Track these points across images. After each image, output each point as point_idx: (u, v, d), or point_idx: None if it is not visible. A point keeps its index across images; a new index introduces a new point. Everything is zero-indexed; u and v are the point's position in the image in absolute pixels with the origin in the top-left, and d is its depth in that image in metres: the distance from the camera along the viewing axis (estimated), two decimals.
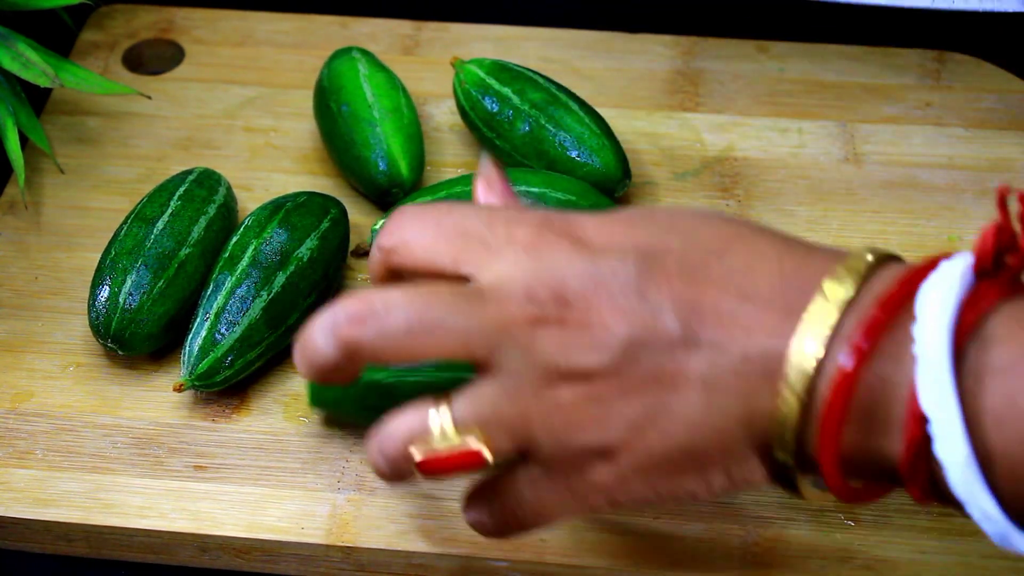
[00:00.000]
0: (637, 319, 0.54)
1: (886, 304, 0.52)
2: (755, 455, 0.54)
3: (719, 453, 0.54)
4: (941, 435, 0.50)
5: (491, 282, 0.56)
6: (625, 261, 0.55)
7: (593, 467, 0.55)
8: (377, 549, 0.65)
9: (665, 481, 0.55)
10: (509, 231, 0.57)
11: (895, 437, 0.52)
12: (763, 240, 0.56)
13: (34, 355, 0.73)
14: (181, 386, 0.69)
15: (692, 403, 0.53)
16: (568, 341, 0.54)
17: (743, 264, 0.55)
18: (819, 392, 0.52)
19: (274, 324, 0.70)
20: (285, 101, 0.86)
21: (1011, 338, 0.51)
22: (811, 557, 0.64)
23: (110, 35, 0.90)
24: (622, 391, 0.54)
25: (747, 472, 0.55)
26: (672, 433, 0.54)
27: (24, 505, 0.67)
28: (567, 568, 0.64)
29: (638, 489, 0.56)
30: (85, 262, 0.77)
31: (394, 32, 0.90)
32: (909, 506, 0.66)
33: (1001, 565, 0.64)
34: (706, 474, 0.55)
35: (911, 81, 0.86)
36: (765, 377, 0.53)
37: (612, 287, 0.54)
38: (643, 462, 0.55)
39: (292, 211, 0.73)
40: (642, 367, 0.54)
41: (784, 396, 0.52)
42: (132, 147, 0.83)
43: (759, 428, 0.53)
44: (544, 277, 0.55)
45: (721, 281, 0.54)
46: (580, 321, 0.54)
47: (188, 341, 0.70)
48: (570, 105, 0.79)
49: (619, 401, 0.54)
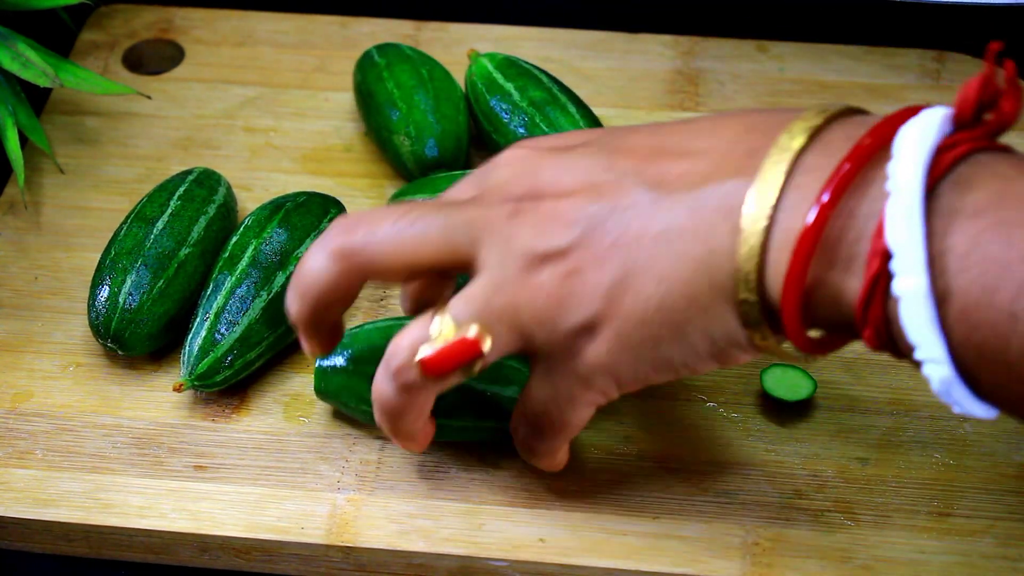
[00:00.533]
0: (602, 190, 0.57)
1: (858, 149, 0.53)
2: (727, 308, 0.55)
3: (692, 309, 0.56)
4: (902, 268, 0.51)
5: (478, 195, 0.60)
6: (593, 148, 0.59)
7: (584, 346, 0.58)
8: (377, 549, 0.65)
9: (652, 350, 0.57)
10: (499, 155, 0.62)
11: (856, 274, 0.53)
12: (730, 114, 0.58)
13: (34, 355, 0.73)
14: (181, 386, 0.69)
15: (657, 256, 0.56)
16: (543, 225, 0.58)
17: (708, 129, 0.58)
18: (778, 232, 0.53)
19: (274, 324, 0.70)
20: (285, 101, 0.86)
21: (984, 184, 0.51)
22: (811, 557, 0.64)
23: (110, 35, 0.90)
24: (595, 260, 0.57)
25: (725, 329, 0.56)
26: (644, 291, 0.56)
27: (24, 505, 0.67)
28: (567, 568, 0.64)
29: (630, 362, 0.58)
30: (85, 262, 0.76)
31: (394, 32, 0.90)
32: (909, 506, 0.66)
33: (1001, 565, 0.64)
34: (687, 336, 0.57)
35: (911, 81, 0.86)
36: (722, 215, 0.55)
37: (581, 165, 0.58)
38: (625, 329, 0.57)
39: (292, 211, 0.73)
40: (609, 233, 0.57)
41: (743, 234, 0.54)
42: (132, 147, 0.83)
43: (722, 272, 0.55)
44: (519, 177, 0.59)
45: (684, 145, 0.57)
46: (553, 206, 0.58)
47: (188, 341, 0.70)
48: (568, 107, 0.79)
49: (593, 272, 0.57)
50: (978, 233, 0.50)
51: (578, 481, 0.67)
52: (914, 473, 0.67)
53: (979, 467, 0.67)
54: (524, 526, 0.65)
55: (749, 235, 0.54)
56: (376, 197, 0.80)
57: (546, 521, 0.66)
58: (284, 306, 0.63)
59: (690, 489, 0.67)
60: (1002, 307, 0.50)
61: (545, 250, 0.57)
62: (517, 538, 0.65)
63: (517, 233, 0.58)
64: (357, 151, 0.83)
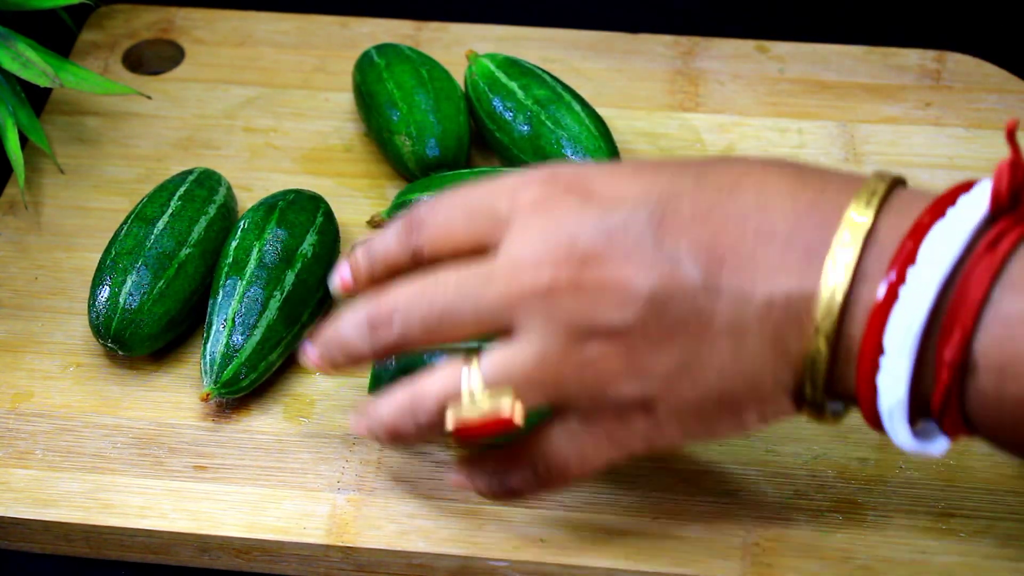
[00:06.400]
0: (656, 270, 0.54)
1: (915, 234, 0.52)
2: (786, 395, 0.55)
3: (751, 396, 0.55)
4: (885, 379, 0.52)
5: (501, 255, 0.57)
6: (636, 211, 0.55)
7: (632, 416, 0.57)
8: (377, 549, 0.65)
9: (700, 425, 0.57)
10: (514, 197, 0.58)
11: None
12: (773, 174, 0.56)
13: (34, 355, 0.73)
14: (208, 396, 0.69)
15: (721, 351, 0.54)
16: (588, 303, 0.55)
17: (756, 202, 0.55)
18: (848, 329, 0.53)
19: (290, 323, 0.70)
20: (285, 101, 0.86)
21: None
22: (811, 557, 0.64)
23: (110, 35, 0.90)
24: (651, 343, 0.55)
25: (779, 410, 0.56)
26: (704, 381, 0.55)
27: (24, 505, 0.67)
28: (567, 568, 0.64)
29: (675, 434, 0.57)
30: (85, 262, 0.77)
31: (394, 32, 0.90)
32: (908, 506, 0.66)
33: (1001, 565, 0.64)
34: (739, 416, 0.56)
35: (911, 81, 0.86)
36: (791, 320, 0.53)
37: (626, 240, 0.55)
38: (679, 409, 0.56)
39: (286, 209, 0.73)
40: (668, 318, 0.54)
41: (814, 338, 0.53)
42: (132, 147, 0.83)
43: (789, 370, 0.54)
44: (553, 240, 0.56)
45: (736, 221, 0.54)
46: (597, 281, 0.55)
47: (207, 350, 0.70)
48: (572, 105, 0.79)
49: (650, 354, 0.55)
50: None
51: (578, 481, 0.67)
52: (914, 473, 0.67)
53: (979, 467, 0.67)
54: (524, 526, 0.65)
55: (819, 344, 0.53)
56: (376, 197, 0.80)
57: (546, 521, 0.66)
58: (311, 349, 0.63)
59: (690, 489, 0.67)
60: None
61: (595, 328, 0.55)
62: (517, 538, 0.65)
63: (558, 310, 0.55)
64: (357, 151, 0.83)
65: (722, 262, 0.54)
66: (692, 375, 0.55)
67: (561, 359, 0.55)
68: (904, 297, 0.51)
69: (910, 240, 0.52)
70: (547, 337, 0.55)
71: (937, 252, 0.51)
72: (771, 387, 0.55)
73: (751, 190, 0.55)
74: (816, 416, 0.56)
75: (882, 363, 0.52)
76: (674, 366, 0.55)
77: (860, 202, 0.53)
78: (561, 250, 0.55)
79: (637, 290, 0.54)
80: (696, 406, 0.56)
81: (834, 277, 0.53)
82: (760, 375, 0.55)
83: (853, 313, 0.53)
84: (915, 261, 0.51)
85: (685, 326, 0.54)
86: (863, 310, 0.52)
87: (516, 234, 0.57)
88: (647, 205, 0.55)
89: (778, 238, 0.54)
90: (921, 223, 0.52)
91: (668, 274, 0.54)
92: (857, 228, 0.53)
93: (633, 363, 0.55)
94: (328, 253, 0.73)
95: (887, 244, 0.53)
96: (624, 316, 0.54)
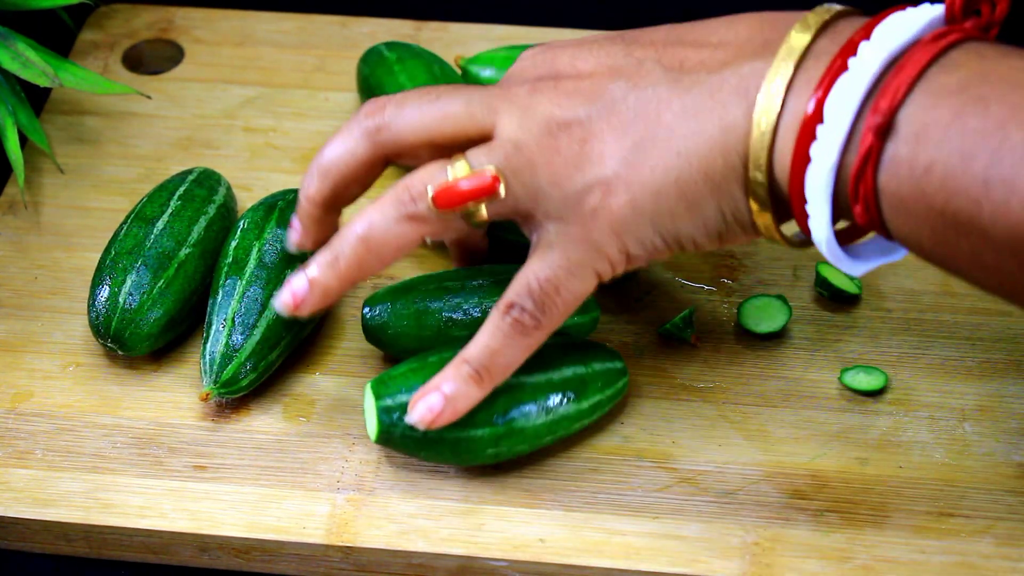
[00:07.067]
0: (622, 72, 0.61)
1: (851, 43, 0.56)
2: (738, 187, 0.59)
3: (707, 185, 0.59)
4: (823, 136, 0.56)
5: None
6: (609, 40, 0.63)
7: (597, 207, 0.60)
8: (377, 549, 0.65)
9: (665, 220, 0.60)
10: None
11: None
12: (745, 14, 0.61)
13: (34, 355, 0.73)
14: (207, 395, 0.69)
15: (675, 131, 0.59)
16: (563, 98, 0.61)
17: (725, 24, 0.61)
18: (787, 117, 0.57)
19: (291, 323, 0.70)
20: (285, 101, 0.86)
21: (968, 65, 0.55)
22: (811, 557, 0.64)
23: (110, 35, 0.90)
24: (614, 129, 0.60)
25: (734, 207, 0.60)
26: (661, 162, 0.60)
27: (24, 505, 0.67)
28: (567, 568, 0.64)
29: (641, 229, 0.61)
30: (85, 262, 0.77)
31: (394, 32, 0.90)
32: (908, 506, 0.66)
33: (1001, 565, 0.64)
34: (699, 211, 0.60)
35: None
36: (739, 96, 0.58)
37: (599, 52, 0.62)
38: (641, 196, 0.60)
39: (286, 209, 0.73)
40: (629, 108, 0.60)
41: (756, 117, 0.57)
42: (132, 147, 0.83)
43: (736, 152, 0.59)
44: (538, 65, 0.64)
45: (701, 37, 0.61)
46: (574, 84, 0.62)
47: (206, 350, 0.70)
48: None
49: (612, 139, 0.60)
50: (960, 106, 0.53)
51: (578, 481, 0.67)
52: (914, 473, 0.67)
53: (979, 467, 0.67)
54: (524, 526, 0.65)
55: (761, 118, 0.57)
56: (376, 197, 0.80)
57: (546, 521, 0.66)
58: (301, 188, 0.66)
59: (690, 489, 0.67)
60: (976, 174, 0.53)
61: (564, 118, 0.61)
62: (517, 538, 0.65)
63: (537, 103, 0.62)
64: None
65: (683, 62, 0.60)
66: (651, 157, 0.59)
67: (534, 147, 0.61)
68: (853, 68, 0.55)
69: (869, 23, 0.57)
70: (523, 129, 0.61)
71: (887, 36, 0.56)
72: (722, 170, 0.59)
73: (721, 20, 0.62)
74: (771, 226, 0.59)
75: (818, 132, 0.56)
76: (634, 146, 0.60)
77: (822, 9, 0.59)
78: (543, 69, 0.63)
79: (602, 83, 0.61)
80: (656, 191, 0.60)
81: (781, 59, 0.57)
82: (712, 154, 0.59)
83: (798, 90, 0.57)
84: (869, 37, 0.56)
85: (644, 113, 0.60)
86: (806, 87, 0.57)
87: (510, 70, 0.65)
88: (619, 36, 0.63)
89: (737, 41, 0.60)
90: (878, 19, 0.57)
91: (632, 70, 0.61)
92: (812, 22, 0.58)
93: (596, 149, 0.60)
94: None
95: (837, 36, 0.57)
96: (591, 107, 0.61)
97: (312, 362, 0.72)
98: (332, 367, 0.72)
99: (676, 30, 0.63)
